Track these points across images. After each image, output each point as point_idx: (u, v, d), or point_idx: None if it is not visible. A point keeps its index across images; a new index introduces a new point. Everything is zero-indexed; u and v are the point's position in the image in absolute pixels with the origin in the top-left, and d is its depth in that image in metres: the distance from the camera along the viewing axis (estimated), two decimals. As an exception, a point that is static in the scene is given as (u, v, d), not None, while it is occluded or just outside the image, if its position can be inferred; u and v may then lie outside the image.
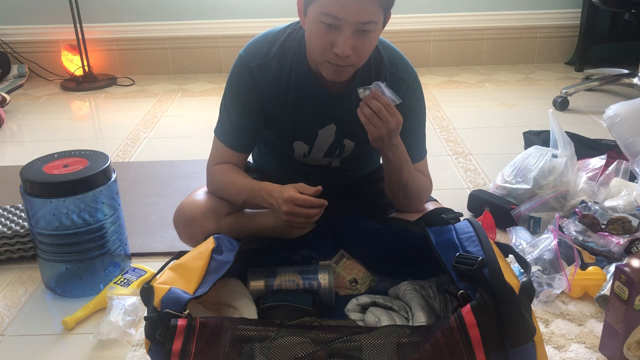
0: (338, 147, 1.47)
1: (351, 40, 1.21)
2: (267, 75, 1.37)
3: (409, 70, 1.41)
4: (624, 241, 1.59)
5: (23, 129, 2.90)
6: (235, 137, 1.43)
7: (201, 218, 1.41)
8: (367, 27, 1.21)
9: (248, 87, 1.38)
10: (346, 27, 1.20)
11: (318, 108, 1.40)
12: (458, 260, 1.08)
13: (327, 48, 1.23)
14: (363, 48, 1.25)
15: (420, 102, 1.44)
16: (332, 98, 1.39)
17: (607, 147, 2.15)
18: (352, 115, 1.36)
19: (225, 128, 1.44)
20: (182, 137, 2.68)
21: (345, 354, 0.99)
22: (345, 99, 1.38)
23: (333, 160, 1.51)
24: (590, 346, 1.31)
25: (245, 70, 1.38)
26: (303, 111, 1.41)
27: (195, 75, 3.58)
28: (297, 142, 1.46)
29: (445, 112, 2.88)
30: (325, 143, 1.46)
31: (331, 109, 1.41)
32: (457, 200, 1.94)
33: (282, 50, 1.37)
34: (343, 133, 1.44)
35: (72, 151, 1.59)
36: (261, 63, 1.37)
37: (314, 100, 1.39)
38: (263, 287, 1.36)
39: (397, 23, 3.54)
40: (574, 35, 3.56)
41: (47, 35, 3.54)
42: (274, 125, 1.45)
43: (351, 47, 1.22)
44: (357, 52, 1.24)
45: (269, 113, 1.42)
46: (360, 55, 1.26)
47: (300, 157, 1.50)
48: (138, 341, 1.37)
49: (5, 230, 1.69)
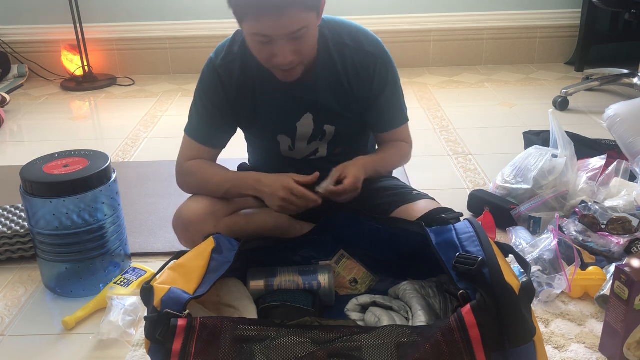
0: (320, 134, 1.49)
1: (288, 47, 1.24)
2: (231, 74, 1.41)
3: (372, 41, 1.43)
4: (624, 241, 1.59)
5: (23, 129, 2.91)
6: (206, 133, 1.48)
7: (200, 221, 1.42)
8: (299, 34, 1.24)
9: (214, 86, 1.43)
10: (279, 40, 1.23)
11: (289, 99, 1.43)
12: (458, 260, 1.08)
13: (268, 59, 1.28)
14: (303, 48, 1.28)
15: (391, 71, 1.45)
16: (300, 86, 1.40)
17: (607, 147, 2.15)
18: (323, 100, 1.42)
19: (195, 125, 1.49)
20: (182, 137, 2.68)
21: (345, 354, 0.99)
22: (312, 87, 1.41)
23: (319, 146, 1.52)
24: (590, 346, 1.31)
25: (212, 69, 1.43)
26: (276, 106, 1.44)
27: (195, 75, 3.51)
28: (280, 136, 1.49)
29: (445, 112, 2.88)
30: (306, 133, 1.48)
31: (302, 97, 1.43)
32: (457, 200, 1.94)
33: (243, 48, 1.39)
34: (321, 119, 1.47)
35: (72, 151, 1.59)
36: (225, 62, 1.41)
37: (283, 92, 1.42)
38: (263, 287, 1.36)
39: (397, 23, 3.56)
40: (574, 35, 3.56)
41: (47, 35, 3.54)
42: (252, 124, 1.49)
43: (291, 52, 1.25)
44: (299, 54, 1.27)
45: (240, 112, 1.45)
46: (303, 55, 1.29)
47: (287, 150, 1.52)
48: (138, 341, 1.37)
49: (5, 230, 1.69)
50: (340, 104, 1.44)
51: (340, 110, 1.44)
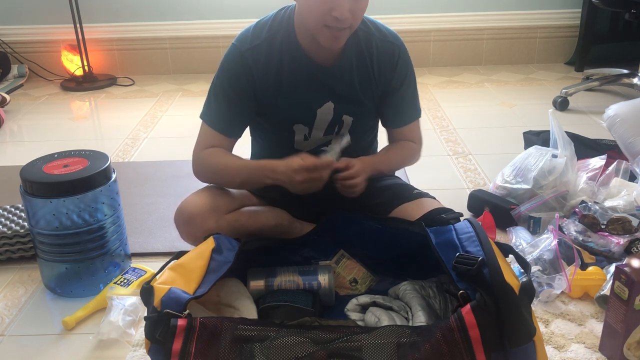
0: (337, 124, 1.50)
1: (347, 2, 1.27)
2: (258, 58, 1.42)
3: (394, 34, 1.49)
4: (624, 241, 1.59)
5: (23, 129, 2.90)
6: (225, 122, 1.47)
7: (202, 216, 1.42)
8: None
9: (239, 72, 1.43)
10: None
11: (313, 84, 1.44)
12: (458, 260, 1.08)
13: (325, 12, 1.29)
14: (358, 10, 1.32)
15: (411, 65, 1.52)
16: (326, 70, 1.43)
17: (607, 147, 2.15)
18: (347, 87, 1.44)
19: (214, 113, 1.47)
20: (182, 137, 2.68)
21: (345, 354, 0.99)
22: (338, 71, 1.43)
23: (333, 138, 1.53)
24: (590, 346, 1.31)
25: (237, 55, 1.43)
26: (299, 90, 1.44)
27: (195, 75, 3.58)
28: (296, 125, 1.49)
29: (445, 112, 2.88)
30: (325, 121, 1.49)
31: (326, 83, 1.44)
32: (457, 200, 1.94)
33: (271, 33, 1.42)
34: (341, 108, 1.48)
35: (72, 151, 1.59)
36: (252, 47, 1.42)
37: (308, 77, 1.43)
38: (263, 287, 1.36)
39: (397, 23, 3.55)
40: (574, 35, 3.56)
41: (47, 35, 3.54)
42: (268, 111, 1.48)
43: (348, 10, 1.28)
44: (353, 15, 1.30)
45: (262, 98, 1.45)
46: (355, 18, 1.32)
47: (301, 140, 1.51)
48: (138, 341, 1.37)
49: (5, 230, 1.69)
50: (363, 91, 1.46)
51: (362, 98, 1.47)
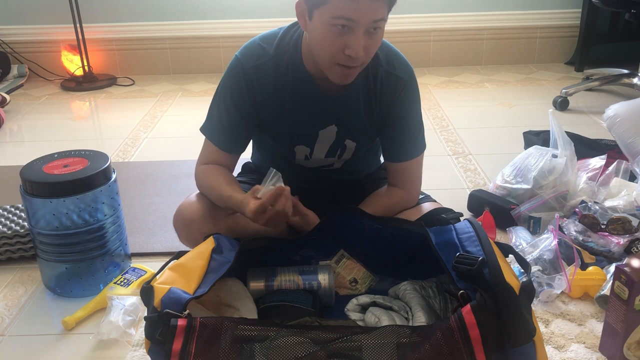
0: (339, 148, 1.47)
1: (362, 40, 1.22)
2: (263, 77, 1.37)
3: (405, 66, 1.41)
4: (624, 241, 1.59)
5: (23, 129, 2.90)
6: (225, 138, 1.43)
7: (200, 220, 1.41)
8: (377, 25, 1.22)
9: (242, 89, 1.38)
10: (359, 28, 1.20)
11: (317, 109, 1.40)
12: (458, 260, 1.08)
13: (338, 51, 1.23)
14: (372, 47, 1.26)
15: (416, 98, 1.44)
16: (332, 99, 1.39)
17: (607, 147, 2.15)
18: (352, 114, 1.37)
19: (215, 128, 1.44)
20: (182, 137, 2.68)
21: (345, 354, 0.99)
22: (344, 99, 1.39)
23: (335, 161, 1.51)
24: (590, 346, 1.31)
25: (240, 71, 1.38)
26: (302, 113, 1.40)
27: (195, 75, 3.58)
28: (298, 147, 1.47)
29: (445, 112, 2.88)
30: (327, 143, 1.46)
31: (331, 110, 1.41)
32: (457, 200, 1.94)
33: (278, 52, 1.37)
34: (344, 134, 1.44)
35: (72, 151, 1.59)
36: (257, 64, 1.37)
37: (313, 103, 1.39)
38: (263, 287, 1.36)
39: (397, 23, 3.56)
40: (574, 35, 3.56)
41: (47, 35, 3.54)
42: (270, 129, 1.45)
43: (362, 47, 1.23)
44: (366, 52, 1.25)
45: (264, 116, 1.41)
46: (368, 55, 1.26)
47: (302, 160, 1.50)
48: (138, 341, 1.37)
49: (5, 230, 1.69)
50: (369, 119, 1.42)
51: (367, 126, 1.42)
